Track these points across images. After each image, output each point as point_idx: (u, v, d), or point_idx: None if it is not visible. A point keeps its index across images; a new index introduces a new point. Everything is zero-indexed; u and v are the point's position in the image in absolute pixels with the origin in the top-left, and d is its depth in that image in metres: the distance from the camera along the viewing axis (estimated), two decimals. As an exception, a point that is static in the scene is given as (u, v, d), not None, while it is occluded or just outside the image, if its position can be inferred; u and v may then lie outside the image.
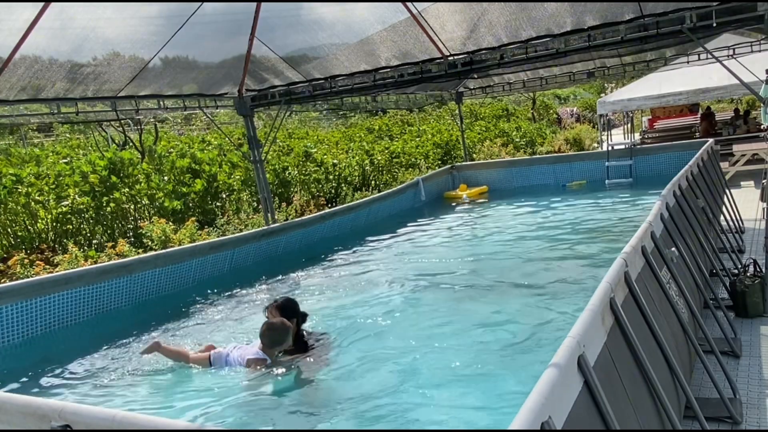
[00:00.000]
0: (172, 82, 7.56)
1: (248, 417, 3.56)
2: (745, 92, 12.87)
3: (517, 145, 20.29)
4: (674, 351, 3.44)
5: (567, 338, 2.21)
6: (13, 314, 5.05)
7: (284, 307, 4.30)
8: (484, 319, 4.82)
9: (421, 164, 15.95)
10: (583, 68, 11.43)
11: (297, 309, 4.37)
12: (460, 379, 3.76)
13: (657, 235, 4.24)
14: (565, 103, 38.73)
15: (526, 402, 1.77)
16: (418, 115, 26.04)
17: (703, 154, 7.97)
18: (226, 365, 4.16)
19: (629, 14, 6.13)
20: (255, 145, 8.88)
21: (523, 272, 6.19)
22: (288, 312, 4.28)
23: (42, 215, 9.32)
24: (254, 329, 5.21)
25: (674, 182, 5.72)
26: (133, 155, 10.82)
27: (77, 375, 4.52)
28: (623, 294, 3.10)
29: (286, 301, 4.40)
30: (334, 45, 7.60)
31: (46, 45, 5.71)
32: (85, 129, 17.98)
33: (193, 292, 6.31)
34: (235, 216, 11.09)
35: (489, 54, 7.07)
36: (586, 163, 11.72)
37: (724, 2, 5.63)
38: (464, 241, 8.21)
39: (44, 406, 2.18)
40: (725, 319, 5.11)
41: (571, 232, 7.80)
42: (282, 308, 4.28)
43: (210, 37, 7.06)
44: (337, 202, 12.95)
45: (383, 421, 3.36)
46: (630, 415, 2.52)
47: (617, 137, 20.75)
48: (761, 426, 3.72)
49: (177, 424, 1.95)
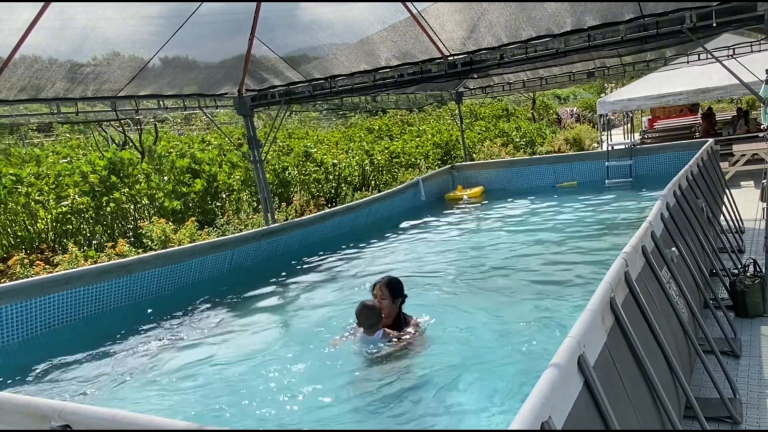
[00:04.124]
0: (172, 82, 7.56)
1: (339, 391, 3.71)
2: (745, 92, 12.86)
3: (517, 145, 20.29)
4: (674, 351, 3.44)
5: (567, 338, 2.20)
6: (13, 314, 5.05)
7: (391, 285, 4.32)
8: (484, 318, 4.82)
9: (421, 164, 15.95)
10: (583, 68, 11.43)
11: (402, 288, 4.38)
12: (459, 379, 3.75)
13: (657, 234, 4.24)
14: (565, 103, 38.72)
15: (526, 402, 1.77)
16: (418, 115, 26.04)
17: (703, 154, 7.96)
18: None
19: (629, 14, 6.12)
20: (255, 145, 8.88)
21: (523, 272, 6.20)
22: (394, 290, 4.31)
23: (42, 215, 9.32)
24: (255, 329, 5.23)
25: (674, 182, 5.72)
26: (133, 155, 10.82)
27: (77, 375, 4.52)
28: (623, 294, 3.10)
29: (393, 279, 4.40)
30: (334, 45, 7.59)
31: (46, 45, 5.70)
32: (85, 129, 17.99)
33: (193, 292, 6.30)
34: (235, 216, 11.09)
35: (489, 54, 7.07)
36: (586, 163, 11.72)
37: (724, 2, 5.63)
38: (464, 241, 8.21)
39: (44, 406, 2.18)
40: (725, 319, 5.11)
41: (571, 231, 7.80)
42: (389, 285, 4.30)
43: (210, 37, 7.06)
44: (337, 202, 12.95)
45: (381, 419, 3.36)
46: (630, 415, 2.52)
47: (617, 137, 20.76)
48: (761, 426, 3.72)
49: (177, 424, 1.94)
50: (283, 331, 5.32)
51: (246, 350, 4.72)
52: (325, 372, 4.07)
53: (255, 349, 4.71)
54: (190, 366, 4.49)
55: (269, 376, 4.15)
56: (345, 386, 3.83)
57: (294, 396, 3.80)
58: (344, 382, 3.88)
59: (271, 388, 3.96)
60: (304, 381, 3.96)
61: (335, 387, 3.83)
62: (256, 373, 4.25)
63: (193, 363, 4.55)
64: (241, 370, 4.31)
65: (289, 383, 3.98)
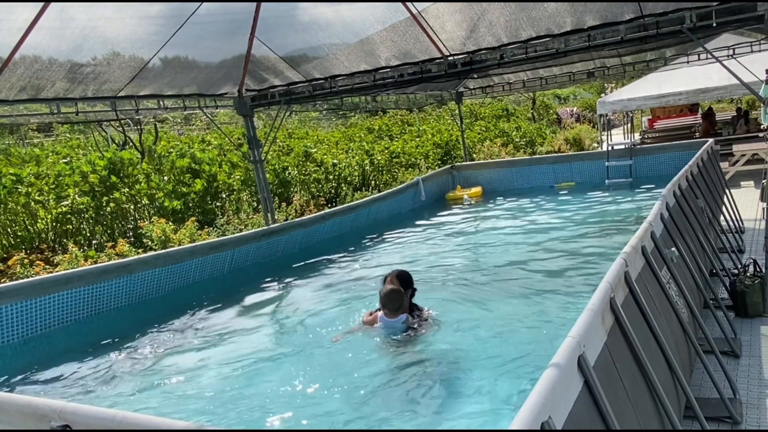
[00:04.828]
0: (172, 82, 7.56)
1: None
2: (745, 92, 12.87)
3: (516, 145, 20.29)
4: (674, 351, 3.44)
5: (567, 338, 2.20)
6: (13, 314, 5.05)
7: (402, 277, 4.52)
8: (484, 318, 4.82)
9: (421, 164, 15.95)
10: (583, 68, 11.43)
11: (412, 281, 4.60)
12: (459, 379, 3.75)
13: (657, 235, 4.24)
14: (565, 103, 38.72)
15: (526, 402, 1.77)
16: (418, 115, 26.03)
17: (703, 154, 7.96)
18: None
19: (629, 14, 6.12)
20: (255, 145, 8.88)
21: (523, 272, 6.20)
22: (405, 281, 4.50)
23: (42, 215, 9.32)
24: (254, 329, 5.23)
25: (674, 182, 5.72)
26: (133, 155, 10.82)
27: (77, 375, 4.52)
28: (623, 294, 3.10)
29: (403, 271, 4.63)
30: (334, 45, 7.59)
31: (46, 45, 5.70)
32: (85, 129, 17.98)
33: (193, 292, 6.30)
34: (235, 216, 11.09)
35: (489, 54, 7.07)
36: (586, 163, 11.72)
37: (724, 2, 5.63)
38: (464, 241, 8.21)
39: (44, 406, 2.18)
40: (725, 319, 5.11)
41: (571, 231, 7.80)
42: (400, 277, 4.50)
43: (210, 37, 7.06)
44: (337, 202, 12.95)
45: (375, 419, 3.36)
46: (630, 415, 2.52)
47: (617, 137, 20.75)
48: (761, 426, 3.72)
49: (177, 424, 1.94)
50: (284, 331, 5.32)
51: (246, 350, 4.72)
52: (325, 372, 4.07)
53: (255, 349, 4.71)
54: (190, 366, 4.49)
55: (269, 375, 4.16)
56: (345, 386, 3.83)
57: (294, 395, 3.80)
58: (344, 382, 3.88)
59: (271, 388, 3.96)
60: (303, 380, 3.96)
61: (335, 387, 3.83)
62: (257, 372, 4.25)
63: (193, 363, 4.55)
64: (240, 370, 4.31)
65: (288, 383, 3.98)
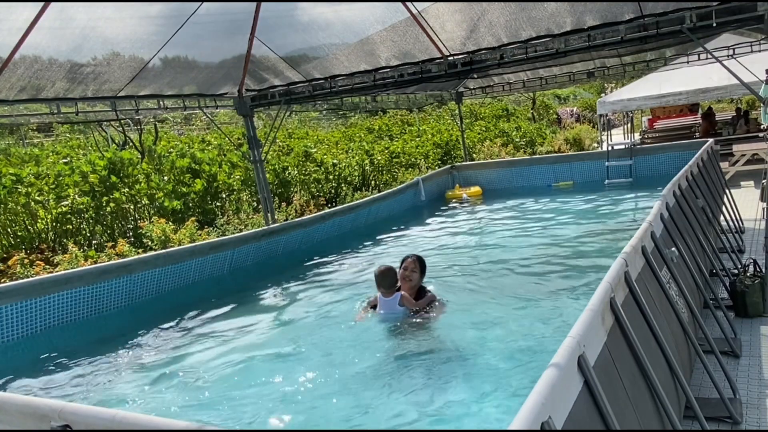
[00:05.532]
0: (172, 82, 7.56)
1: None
2: (745, 92, 12.87)
3: (517, 145, 20.29)
4: (674, 351, 3.44)
5: (567, 338, 2.20)
6: (13, 314, 5.05)
7: (422, 260, 4.96)
8: (483, 317, 4.82)
9: (421, 164, 15.95)
10: (583, 68, 11.44)
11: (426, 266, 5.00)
12: (459, 379, 3.75)
13: (657, 235, 4.24)
14: (565, 103, 38.72)
15: (526, 402, 1.76)
16: (418, 115, 26.03)
17: (703, 154, 7.97)
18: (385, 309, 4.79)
19: (629, 14, 6.12)
20: (255, 145, 8.88)
21: (523, 271, 6.19)
22: (423, 265, 4.94)
23: (42, 215, 9.32)
24: (255, 329, 5.23)
25: (674, 182, 5.72)
26: (133, 155, 10.82)
27: (77, 375, 4.52)
28: (623, 294, 3.10)
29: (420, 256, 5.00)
30: (334, 45, 7.59)
31: (46, 45, 5.70)
32: (85, 129, 17.99)
33: (193, 292, 6.30)
34: (235, 216, 11.09)
35: (489, 54, 7.07)
36: (585, 163, 11.73)
37: (724, 2, 5.63)
38: (464, 241, 8.21)
39: (44, 406, 2.18)
40: (725, 319, 5.11)
41: (571, 231, 7.79)
42: (420, 260, 4.94)
43: (210, 37, 7.06)
44: (337, 202, 12.94)
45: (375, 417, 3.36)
46: (630, 415, 2.52)
47: (617, 137, 20.75)
48: (761, 426, 3.72)
49: (177, 424, 1.94)
50: (283, 331, 5.31)
51: (246, 350, 4.72)
52: (325, 371, 4.07)
53: (255, 349, 4.71)
54: (190, 366, 4.49)
55: (269, 375, 4.15)
56: (344, 385, 3.83)
57: (294, 394, 3.80)
58: (343, 381, 3.88)
59: (272, 387, 3.96)
60: (303, 380, 3.97)
61: (334, 386, 3.83)
62: (257, 372, 4.25)
63: (193, 363, 4.55)
64: (240, 370, 4.31)
65: (288, 382, 3.98)
